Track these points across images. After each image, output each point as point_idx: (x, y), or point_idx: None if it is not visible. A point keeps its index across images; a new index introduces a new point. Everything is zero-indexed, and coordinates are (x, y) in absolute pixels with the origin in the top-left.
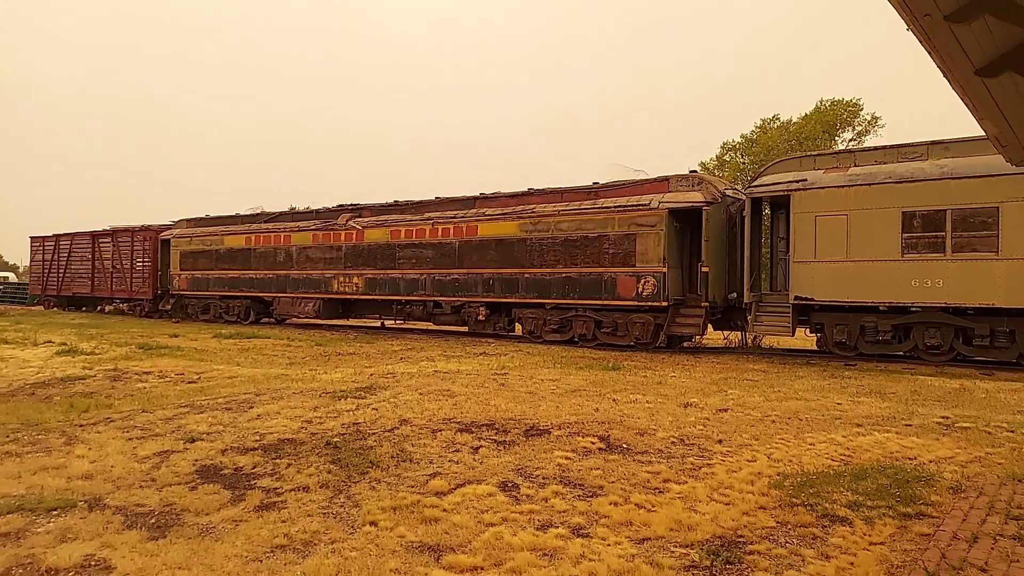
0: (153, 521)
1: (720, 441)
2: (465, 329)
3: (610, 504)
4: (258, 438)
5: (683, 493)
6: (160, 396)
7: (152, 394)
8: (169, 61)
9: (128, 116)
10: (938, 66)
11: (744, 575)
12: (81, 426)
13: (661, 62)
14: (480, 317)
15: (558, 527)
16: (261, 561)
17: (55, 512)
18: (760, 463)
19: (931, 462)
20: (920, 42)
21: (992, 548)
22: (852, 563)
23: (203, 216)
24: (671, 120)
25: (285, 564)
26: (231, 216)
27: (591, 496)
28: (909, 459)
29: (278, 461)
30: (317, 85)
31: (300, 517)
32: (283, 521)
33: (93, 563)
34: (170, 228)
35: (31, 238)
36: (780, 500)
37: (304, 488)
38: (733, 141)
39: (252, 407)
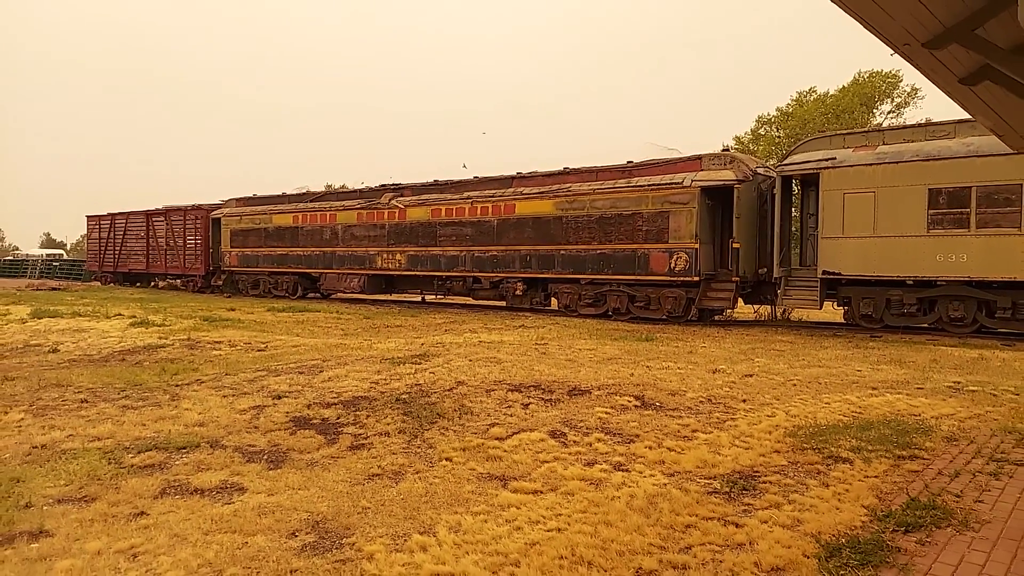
0: (267, 457)
1: (744, 400)
2: (503, 304)
3: (645, 447)
4: (335, 396)
5: (709, 440)
6: (236, 362)
7: (229, 360)
8: (214, 45)
9: (175, 100)
10: (926, 77)
11: (757, 497)
12: (178, 386)
13: (702, 32)
14: (517, 292)
15: (601, 464)
16: (363, 484)
17: (184, 450)
18: (779, 418)
19: (933, 418)
20: (906, 62)
21: (970, 482)
22: (848, 490)
23: (251, 196)
24: (707, 94)
25: (383, 487)
26: (278, 195)
27: (629, 442)
28: (913, 415)
29: (358, 413)
30: (361, 70)
31: (386, 455)
32: (373, 458)
33: (229, 485)
34: (220, 207)
35: (88, 217)
36: (793, 445)
37: (385, 434)
38: (769, 115)
39: (322, 371)
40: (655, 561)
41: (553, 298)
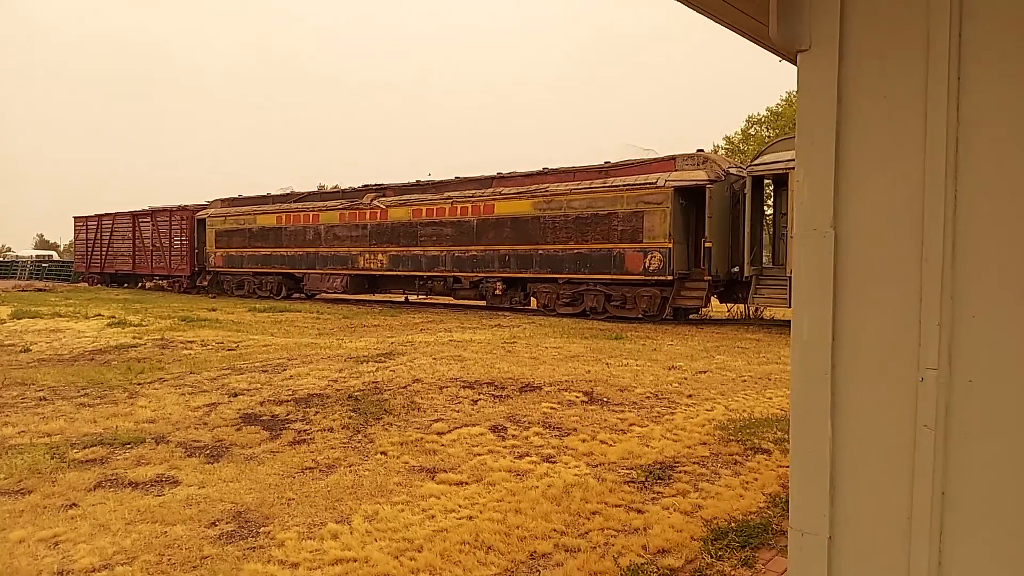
0: (208, 452)
1: (689, 396)
2: (484, 303)
3: (579, 440)
4: (291, 393)
5: (642, 433)
6: (204, 361)
7: (197, 359)
8: (194, 47)
9: (161, 100)
10: None
11: (668, 485)
12: (140, 384)
13: (692, 34)
14: (497, 291)
15: (532, 456)
16: (294, 477)
17: (129, 445)
18: (716, 412)
19: None
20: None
21: None
22: (756, 479)
23: (236, 196)
24: (698, 95)
25: (312, 479)
26: (263, 196)
27: (564, 436)
28: None
29: (308, 410)
30: (344, 68)
31: (325, 449)
32: (311, 452)
33: (164, 478)
34: (205, 208)
35: (75, 218)
36: (720, 438)
37: (329, 429)
38: (759, 115)
39: (285, 369)
40: (551, 545)
41: (532, 297)
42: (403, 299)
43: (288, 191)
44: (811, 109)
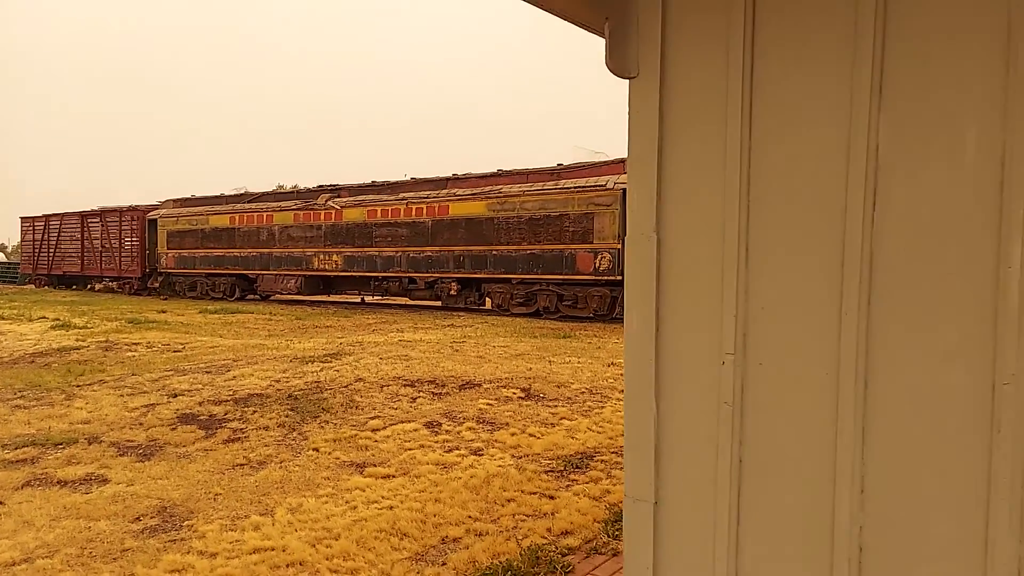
0: (141, 451)
1: (622, 391)
2: (439, 303)
3: (509, 434)
4: (231, 393)
5: (570, 426)
6: (148, 363)
7: (141, 361)
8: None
9: (117, 98)
10: None
11: (584, 473)
12: (78, 386)
13: None
14: (452, 292)
15: (461, 450)
16: (223, 473)
17: (61, 445)
18: None
19: None
20: None
21: None
22: None
23: (189, 196)
24: None
25: (242, 475)
26: (216, 196)
27: (496, 430)
28: None
29: (246, 409)
30: (302, 65)
31: (258, 446)
32: (244, 449)
33: (94, 477)
34: (157, 208)
35: (21, 218)
36: None
37: (265, 427)
38: None
39: (229, 370)
40: (463, 530)
41: (487, 298)
42: (359, 300)
43: (242, 191)
44: (638, 129)
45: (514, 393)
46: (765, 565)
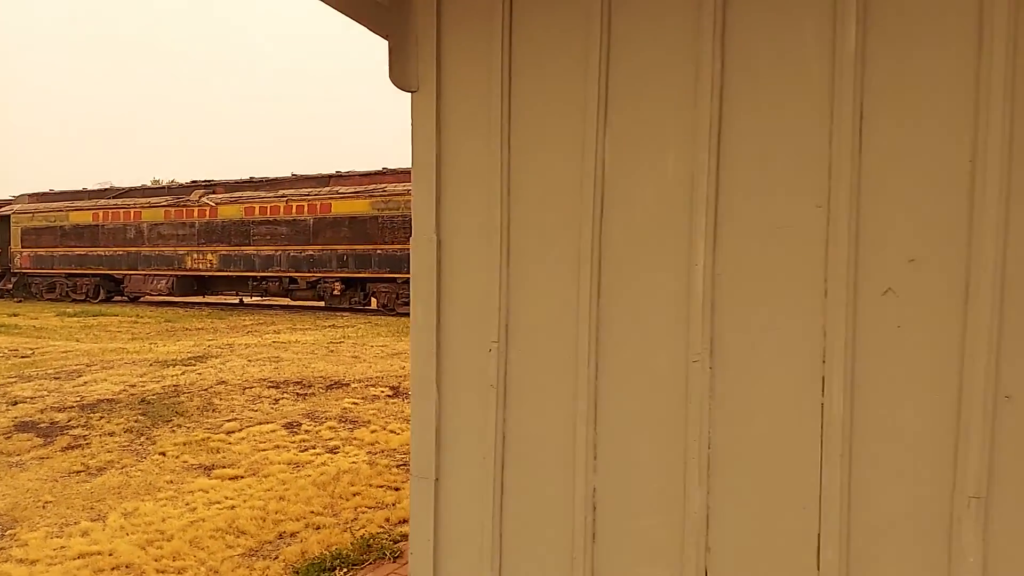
0: None
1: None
2: (323, 304)
3: (369, 432)
4: (78, 399)
5: None
6: None
7: None
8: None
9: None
10: None
11: None
12: None
13: None
14: (335, 292)
15: (317, 448)
16: (57, 481)
17: None
18: None
19: None
20: None
21: None
22: None
23: (47, 191)
24: None
25: (77, 482)
26: (78, 191)
27: (357, 428)
28: None
29: (92, 415)
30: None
31: (100, 453)
32: (84, 456)
33: None
34: (10, 203)
35: None
36: None
37: (110, 433)
38: None
39: (80, 376)
40: (301, 525)
41: (373, 297)
42: (237, 301)
43: (107, 186)
44: (420, 139)
45: (382, 392)
46: (524, 529)
